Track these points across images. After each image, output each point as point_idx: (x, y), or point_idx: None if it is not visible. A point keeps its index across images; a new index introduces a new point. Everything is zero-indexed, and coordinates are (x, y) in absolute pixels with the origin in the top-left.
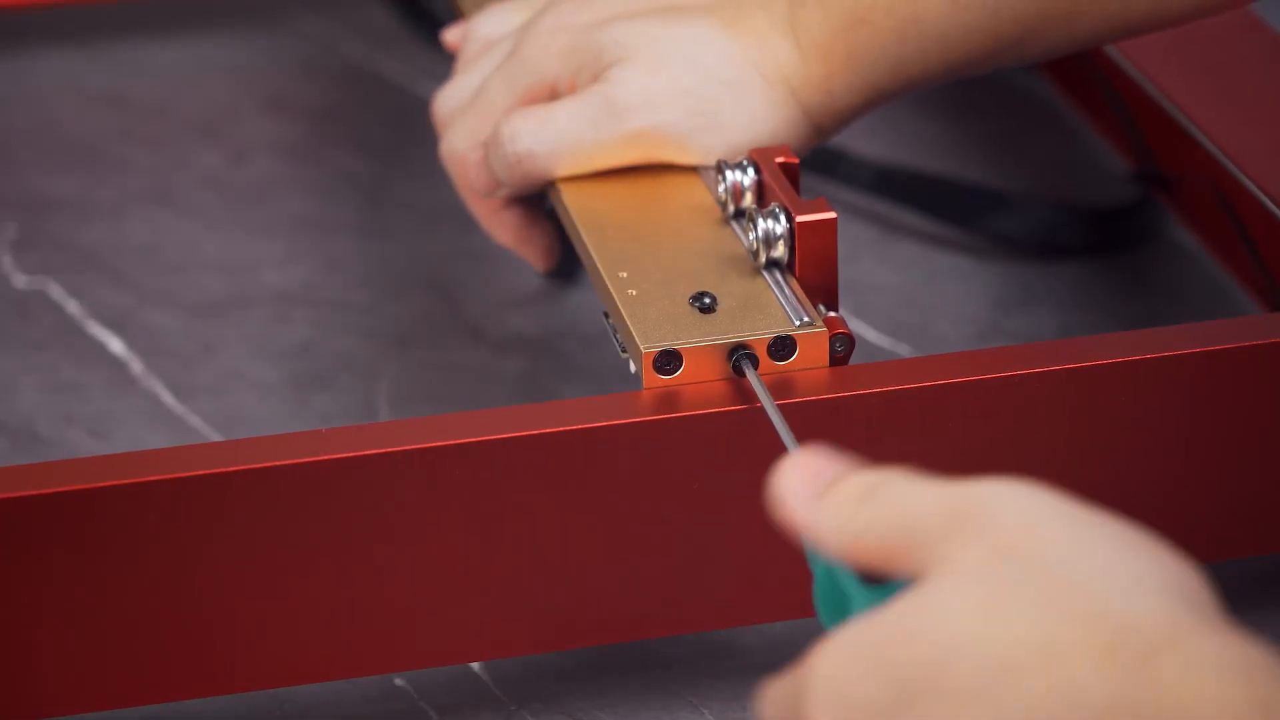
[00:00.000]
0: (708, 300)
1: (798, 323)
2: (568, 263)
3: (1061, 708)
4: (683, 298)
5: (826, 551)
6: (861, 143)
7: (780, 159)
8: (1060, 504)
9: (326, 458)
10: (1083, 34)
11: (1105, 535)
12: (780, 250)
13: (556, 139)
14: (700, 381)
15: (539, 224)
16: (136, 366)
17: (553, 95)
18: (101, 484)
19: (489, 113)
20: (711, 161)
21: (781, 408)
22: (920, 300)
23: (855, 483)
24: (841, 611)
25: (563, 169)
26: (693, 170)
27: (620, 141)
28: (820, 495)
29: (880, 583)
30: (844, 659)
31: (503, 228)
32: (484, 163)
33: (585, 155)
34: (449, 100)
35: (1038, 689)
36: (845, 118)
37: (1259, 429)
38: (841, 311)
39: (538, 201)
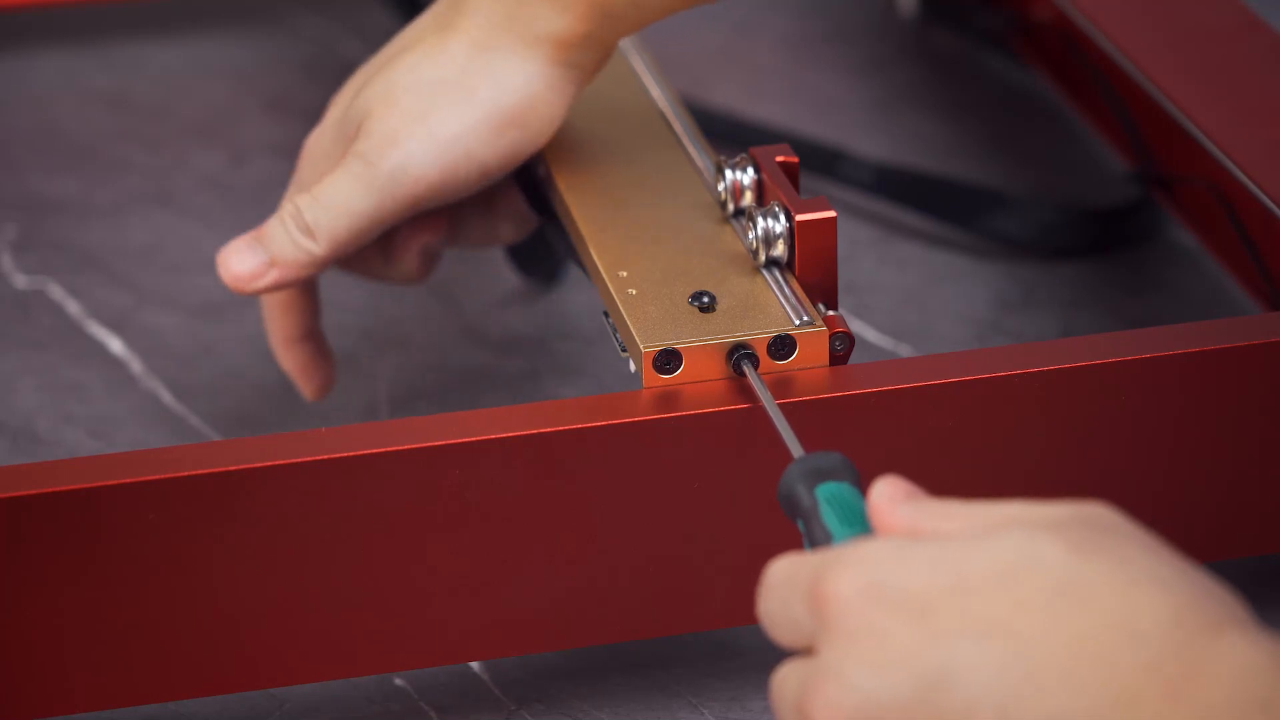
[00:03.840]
0: (707, 299)
1: (797, 322)
2: (547, 263)
3: (1119, 639)
4: (682, 297)
5: None
6: (861, 143)
7: (780, 158)
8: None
9: (326, 458)
10: None
11: (1174, 558)
12: (780, 249)
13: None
14: (700, 381)
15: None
16: (136, 366)
17: None
18: (101, 484)
19: None
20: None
21: (781, 407)
22: (920, 300)
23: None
24: None
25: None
26: (693, 169)
27: (385, 184)
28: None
29: None
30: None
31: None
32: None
33: (363, 215)
34: None
35: (1104, 618)
36: (603, 48)
37: (1259, 428)
38: (841, 311)
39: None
